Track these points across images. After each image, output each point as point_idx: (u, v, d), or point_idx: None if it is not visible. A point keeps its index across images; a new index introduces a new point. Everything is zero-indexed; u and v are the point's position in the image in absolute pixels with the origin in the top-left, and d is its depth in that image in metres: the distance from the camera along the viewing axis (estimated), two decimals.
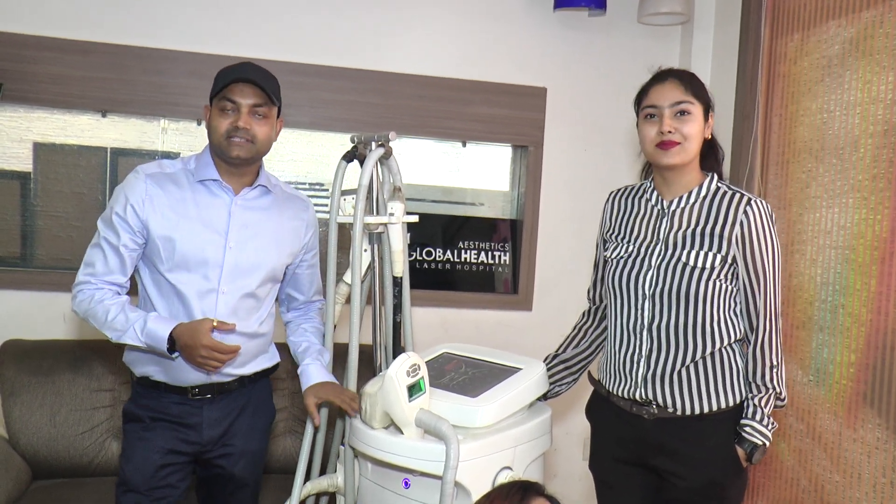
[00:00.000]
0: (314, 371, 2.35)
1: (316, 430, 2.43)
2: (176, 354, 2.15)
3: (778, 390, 2.16)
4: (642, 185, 2.32)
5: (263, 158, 2.32)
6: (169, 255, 2.19)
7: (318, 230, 2.49)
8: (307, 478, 2.43)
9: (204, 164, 2.24)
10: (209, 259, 2.20)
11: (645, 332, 2.19)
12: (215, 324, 2.12)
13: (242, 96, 2.17)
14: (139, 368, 2.29)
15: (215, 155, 2.24)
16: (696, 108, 2.15)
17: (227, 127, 2.17)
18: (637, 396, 2.21)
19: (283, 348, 2.51)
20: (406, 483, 2.14)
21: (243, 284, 2.25)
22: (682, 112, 2.15)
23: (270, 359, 2.43)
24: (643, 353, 2.20)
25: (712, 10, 3.69)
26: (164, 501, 2.28)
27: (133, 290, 2.28)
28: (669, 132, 2.13)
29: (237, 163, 2.21)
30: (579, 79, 3.79)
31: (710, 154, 2.26)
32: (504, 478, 2.09)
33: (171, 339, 2.11)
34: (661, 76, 2.21)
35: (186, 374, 2.24)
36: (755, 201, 2.14)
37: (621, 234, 2.30)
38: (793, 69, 3.18)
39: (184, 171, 2.25)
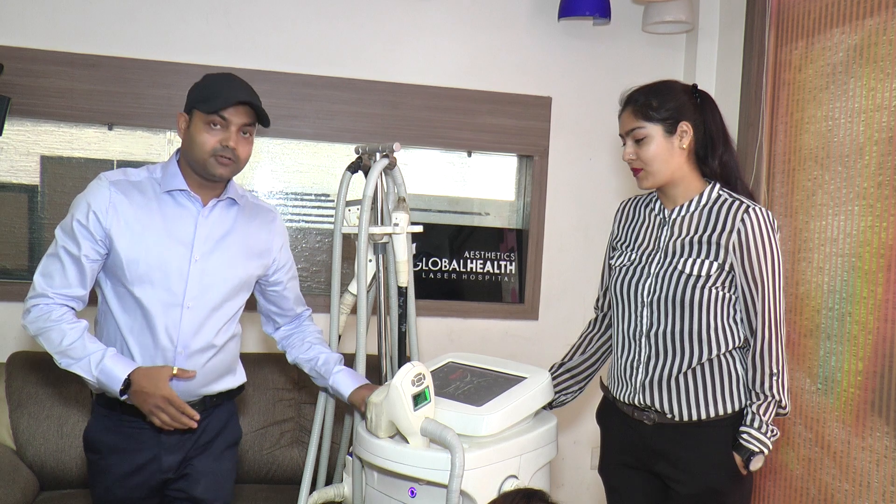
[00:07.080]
0: (347, 378, 2.32)
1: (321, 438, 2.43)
2: (125, 397, 2.02)
3: (778, 398, 2.12)
4: (651, 194, 2.34)
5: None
6: (133, 268, 2.07)
7: (288, 240, 2.40)
8: (312, 487, 2.43)
9: (171, 173, 2.13)
10: (174, 272, 2.10)
11: (643, 339, 2.21)
12: (175, 371, 2.04)
13: (235, 115, 2.08)
14: None
15: (188, 166, 2.14)
16: (652, 129, 2.16)
17: (214, 145, 2.07)
18: (637, 402, 2.23)
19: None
20: (412, 492, 2.14)
21: (210, 298, 2.15)
22: (637, 139, 2.18)
23: (236, 379, 2.32)
24: (641, 359, 2.22)
25: (717, 18, 3.69)
26: None
27: (92, 301, 2.15)
28: (631, 159, 2.20)
29: (217, 180, 2.14)
30: (584, 88, 3.80)
31: (705, 161, 2.21)
32: (509, 486, 2.09)
33: (127, 382, 2.00)
34: (622, 104, 2.25)
35: None
36: (753, 209, 2.11)
37: (627, 243, 2.32)
38: (797, 77, 3.18)
39: (149, 180, 2.14)
